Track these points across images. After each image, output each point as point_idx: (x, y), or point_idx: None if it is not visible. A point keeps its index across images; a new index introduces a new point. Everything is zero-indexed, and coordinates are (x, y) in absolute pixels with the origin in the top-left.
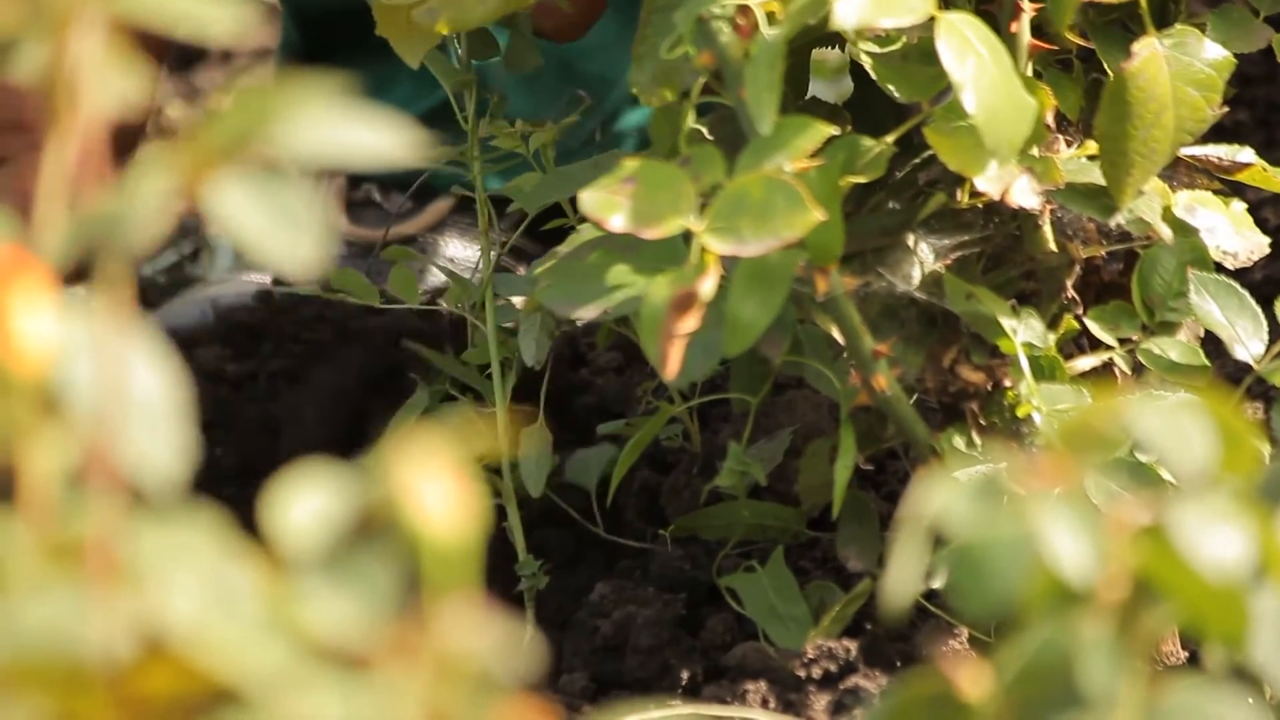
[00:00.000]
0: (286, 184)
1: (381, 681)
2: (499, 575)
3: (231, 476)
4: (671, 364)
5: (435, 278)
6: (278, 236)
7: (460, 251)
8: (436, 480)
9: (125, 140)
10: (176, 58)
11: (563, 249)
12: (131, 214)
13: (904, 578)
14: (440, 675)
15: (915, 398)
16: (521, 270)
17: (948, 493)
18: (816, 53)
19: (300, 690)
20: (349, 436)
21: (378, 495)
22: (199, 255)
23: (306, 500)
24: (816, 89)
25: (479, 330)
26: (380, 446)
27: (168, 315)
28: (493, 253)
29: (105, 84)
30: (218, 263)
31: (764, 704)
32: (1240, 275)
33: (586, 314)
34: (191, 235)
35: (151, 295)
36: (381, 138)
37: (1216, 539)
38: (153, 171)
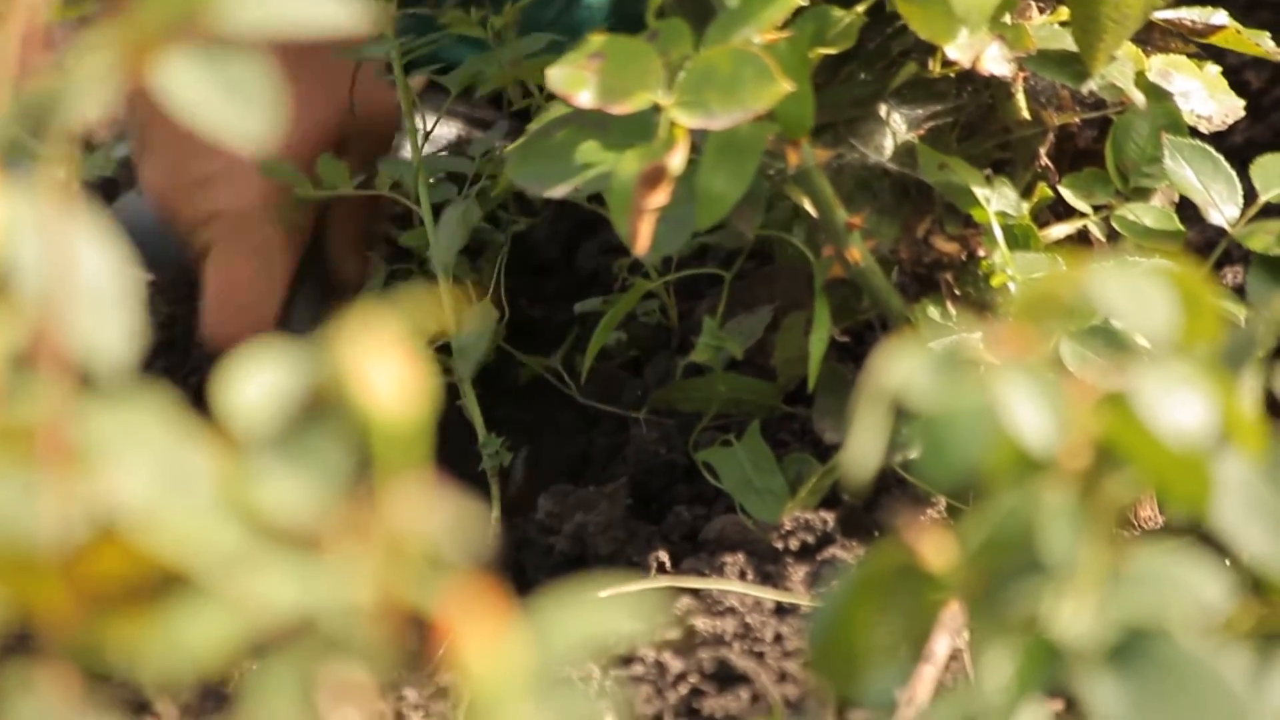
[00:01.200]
0: (235, 58)
1: (333, 561)
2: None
3: (192, 357)
4: (642, 239)
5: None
6: (227, 111)
7: (440, 130)
8: (384, 359)
9: None
10: None
11: (532, 126)
12: (75, 92)
13: (865, 449)
14: (391, 555)
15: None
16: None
17: (910, 363)
18: None
19: (252, 571)
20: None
21: (329, 374)
22: None
23: (257, 379)
24: None
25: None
26: (331, 326)
27: (123, 209)
28: (455, 128)
29: None
30: None
31: (742, 576)
32: (1221, 139)
33: (556, 192)
34: None
35: (127, 175)
36: (325, 7)
37: (1178, 405)
38: (95, 50)
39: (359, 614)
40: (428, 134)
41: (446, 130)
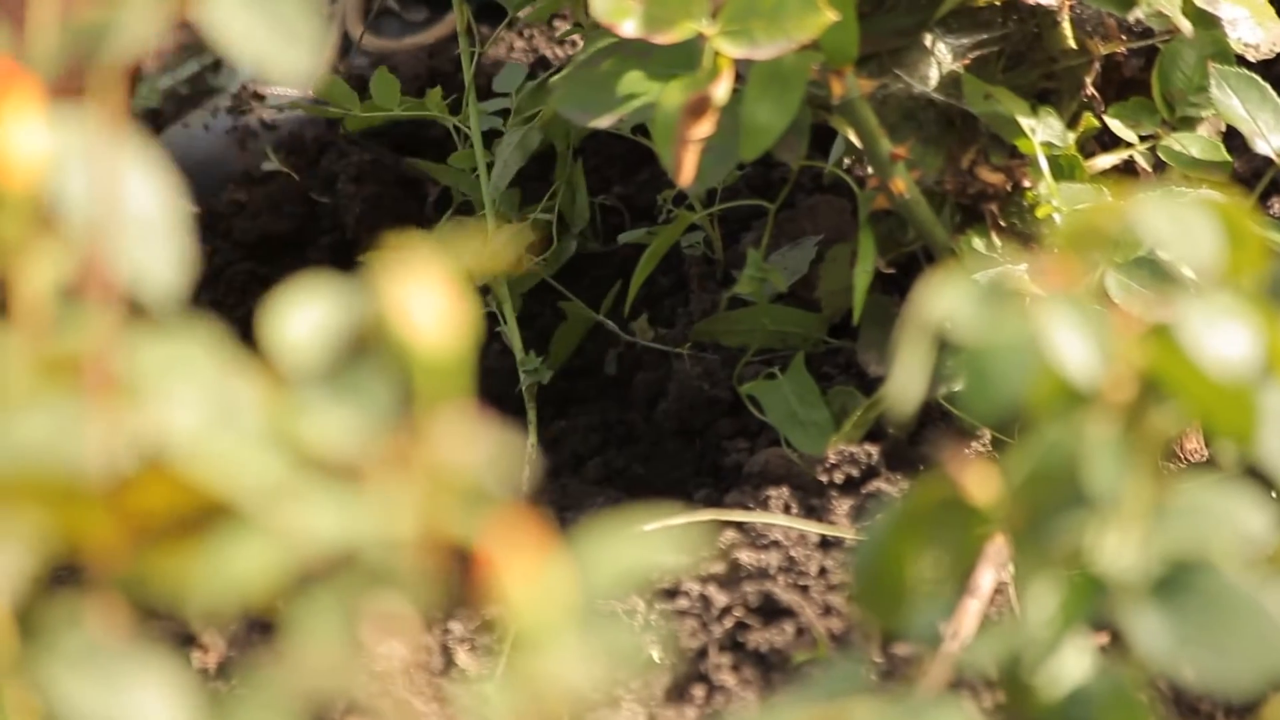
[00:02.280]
0: None
1: (376, 493)
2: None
3: (237, 290)
4: (686, 170)
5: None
6: (271, 44)
7: None
8: (426, 293)
9: None
10: None
11: (578, 56)
12: (123, 23)
13: (909, 381)
14: (433, 487)
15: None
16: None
17: (955, 295)
18: None
19: (296, 503)
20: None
21: (373, 310)
22: (220, 65)
23: (304, 314)
24: None
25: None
26: (374, 259)
27: (170, 140)
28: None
29: None
30: (239, 72)
31: (786, 509)
32: (1268, 67)
33: (601, 123)
34: (211, 46)
35: (173, 106)
36: None
37: (1223, 337)
38: None
39: (401, 546)
40: (479, 52)
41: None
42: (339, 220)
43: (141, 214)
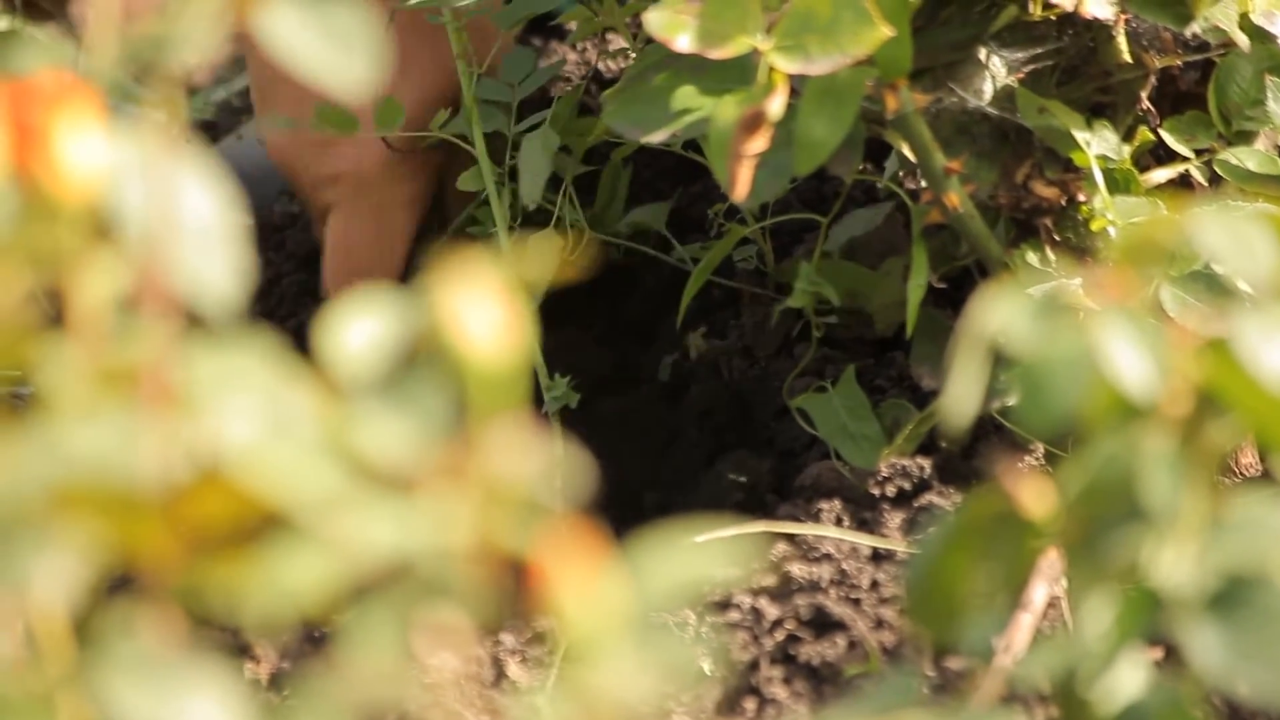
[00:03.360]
0: (338, 6)
1: (430, 504)
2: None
3: (290, 301)
4: (741, 185)
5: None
6: (329, 57)
7: None
8: (479, 303)
9: None
10: None
11: (630, 70)
12: (181, 36)
13: (963, 395)
14: (487, 498)
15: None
16: None
17: (1009, 308)
18: None
19: (350, 513)
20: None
21: (428, 321)
22: None
23: (360, 326)
24: None
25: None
26: (427, 270)
27: (226, 151)
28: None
29: None
30: None
31: (838, 522)
32: None
33: (653, 138)
34: None
35: (227, 118)
36: None
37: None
38: None
39: (455, 557)
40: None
41: None
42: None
43: (198, 225)
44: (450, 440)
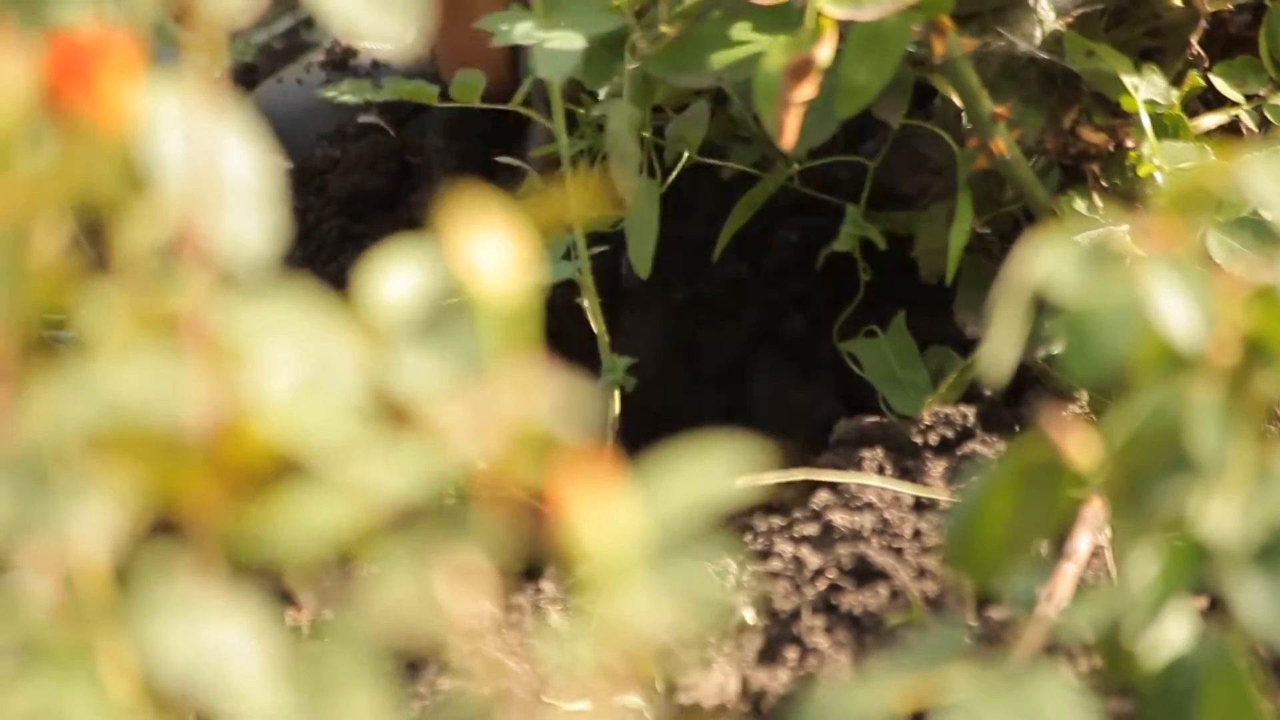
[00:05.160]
0: None
1: (449, 442)
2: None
3: (331, 246)
4: (789, 132)
5: None
6: (371, 12)
7: None
8: (492, 244)
9: None
10: None
11: (677, 20)
12: None
13: (1004, 343)
14: (504, 433)
15: (1035, 159)
16: None
17: (1055, 256)
18: None
19: (366, 456)
20: (473, 166)
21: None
22: (314, 20)
23: (399, 273)
24: None
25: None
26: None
27: (264, 96)
28: None
29: None
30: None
31: (880, 470)
32: None
33: (700, 82)
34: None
35: (267, 61)
36: None
37: None
38: None
39: (473, 496)
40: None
41: None
42: (431, 176)
43: (236, 176)
44: (476, 380)
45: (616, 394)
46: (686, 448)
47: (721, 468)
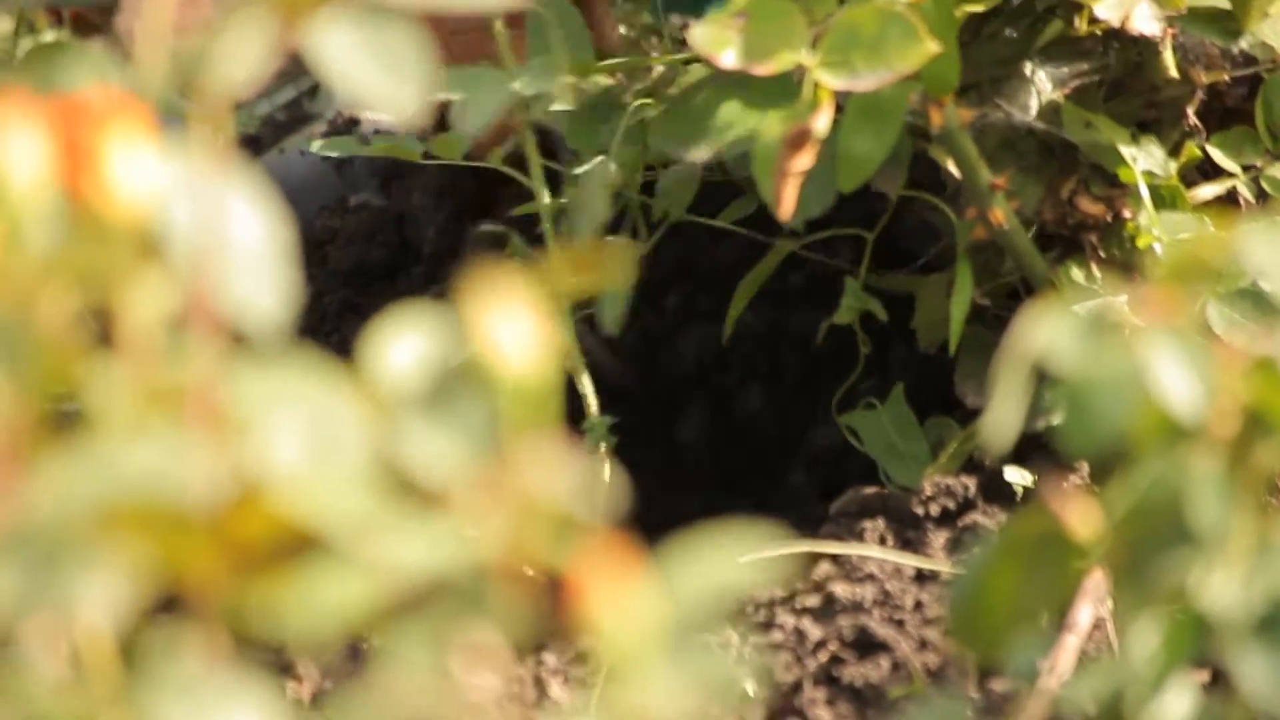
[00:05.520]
0: (388, 24)
1: (467, 521)
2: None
3: (334, 317)
4: (786, 202)
5: None
6: (378, 79)
7: None
8: (512, 319)
9: None
10: None
11: (671, 91)
12: (229, 52)
13: (1005, 413)
14: (522, 514)
15: (1033, 230)
16: None
17: (1054, 326)
18: None
19: (385, 533)
20: (458, 227)
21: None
22: (317, 91)
23: (404, 342)
24: None
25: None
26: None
27: (269, 165)
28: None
29: None
30: (334, 99)
31: (881, 541)
32: None
33: (698, 155)
34: (309, 71)
35: (270, 132)
36: None
37: None
38: (251, 9)
39: (491, 574)
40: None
41: None
42: (422, 239)
43: (246, 244)
44: (490, 456)
45: (604, 453)
46: (702, 532)
47: (736, 552)
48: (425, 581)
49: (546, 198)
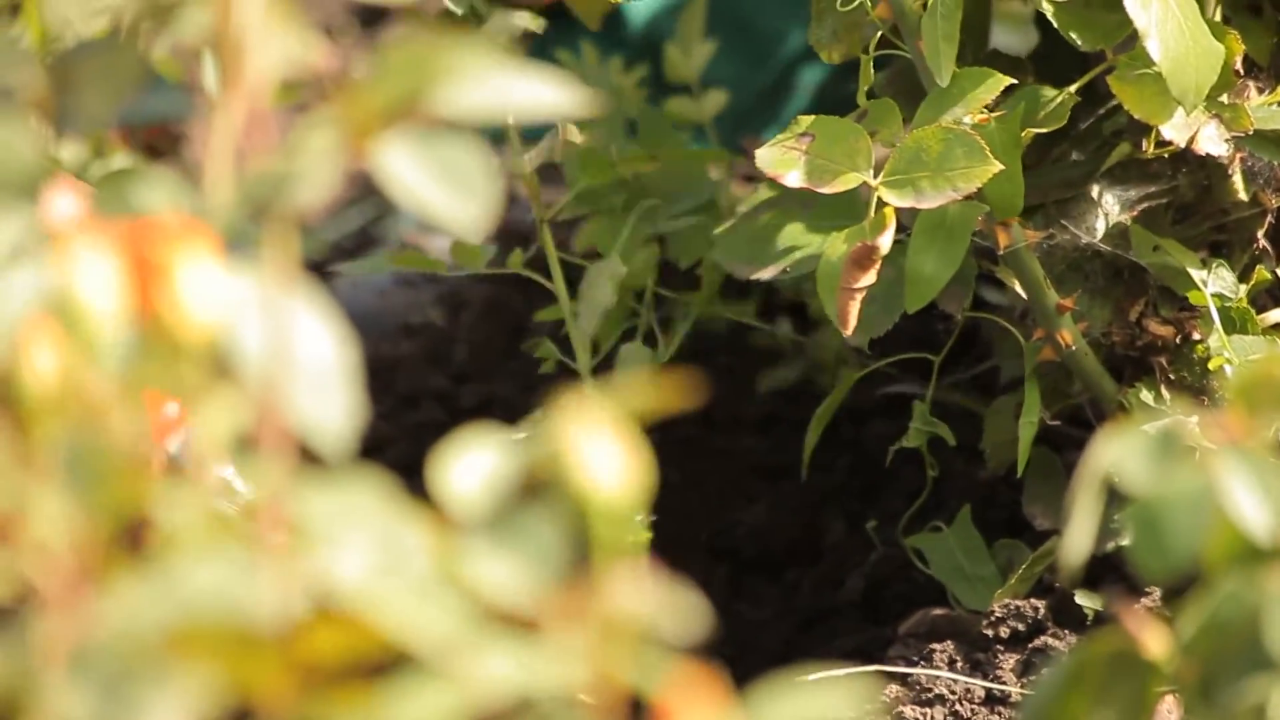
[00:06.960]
0: (452, 141)
1: (550, 643)
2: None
3: (402, 441)
4: (850, 321)
5: None
6: (445, 197)
7: None
8: (602, 441)
9: None
10: (361, 15)
11: (740, 209)
12: (297, 175)
13: (1081, 536)
14: (608, 637)
15: (1102, 352)
16: None
17: (1125, 447)
18: (1000, 2)
19: (472, 652)
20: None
21: (543, 456)
22: (382, 218)
23: (474, 463)
24: (999, 40)
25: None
26: (545, 405)
27: (336, 291)
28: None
29: (270, 45)
30: (401, 224)
31: (951, 664)
32: None
33: (764, 274)
34: (375, 196)
35: (338, 258)
36: (547, 92)
37: None
38: (318, 131)
39: (576, 698)
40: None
41: None
42: (470, 352)
43: (314, 364)
44: (565, 577)
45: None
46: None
47: (821, 685)
48: (511, 702)
49: (568, 302)
